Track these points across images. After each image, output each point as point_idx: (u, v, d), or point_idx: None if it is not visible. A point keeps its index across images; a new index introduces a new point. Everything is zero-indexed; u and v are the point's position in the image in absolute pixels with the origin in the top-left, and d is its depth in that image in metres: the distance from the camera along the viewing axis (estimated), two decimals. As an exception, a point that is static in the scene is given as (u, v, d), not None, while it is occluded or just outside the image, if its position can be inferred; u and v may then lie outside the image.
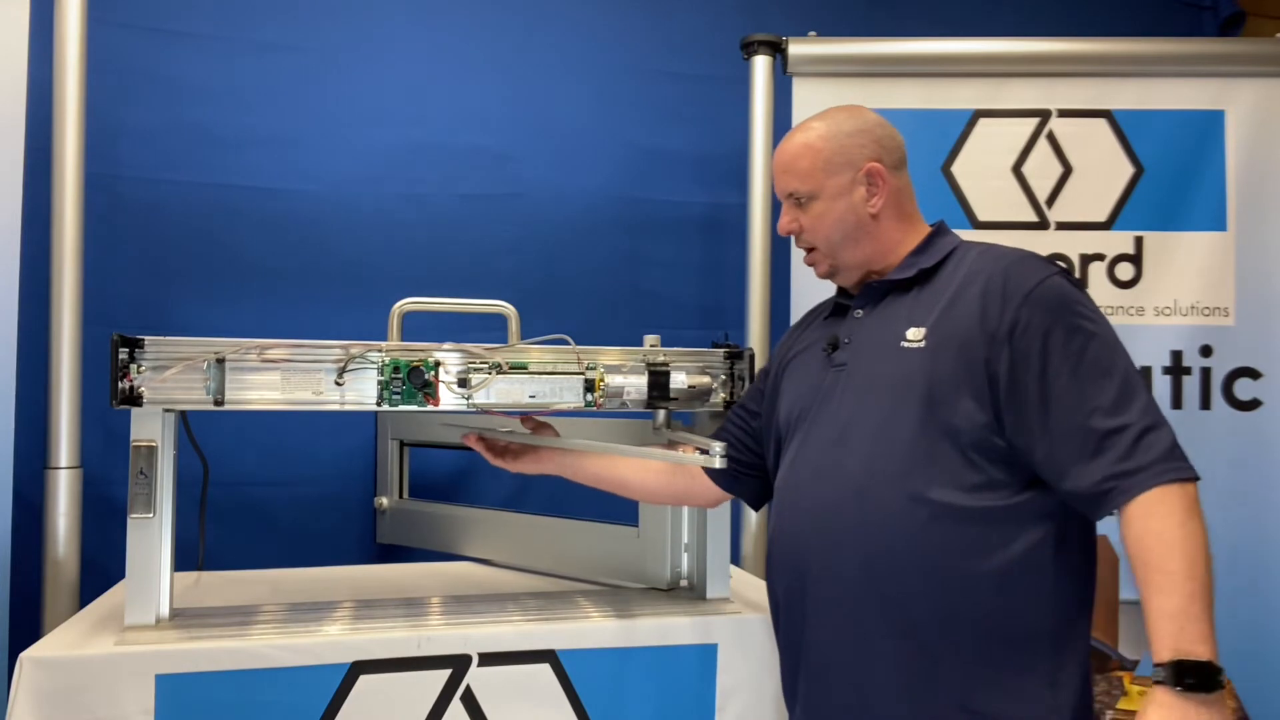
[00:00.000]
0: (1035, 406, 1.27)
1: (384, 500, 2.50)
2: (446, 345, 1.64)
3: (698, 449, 1.61)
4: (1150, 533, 1.17)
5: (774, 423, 1.55)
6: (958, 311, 1.34)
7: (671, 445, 1.69)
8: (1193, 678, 1.12)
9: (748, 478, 1.66)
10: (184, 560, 1.78)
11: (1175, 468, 1.19)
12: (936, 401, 1.31)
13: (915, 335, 1.36)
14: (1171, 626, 1.14)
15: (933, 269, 1.42)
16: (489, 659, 1.57)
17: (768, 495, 1.69)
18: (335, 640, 1.53)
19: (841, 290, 1.57)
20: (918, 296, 1.41)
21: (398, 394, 1.60)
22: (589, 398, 1.68)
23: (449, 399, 1.63)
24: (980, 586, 1.27)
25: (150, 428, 1.55)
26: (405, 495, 2.51)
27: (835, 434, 1.40)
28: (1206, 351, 2.42)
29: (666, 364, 1.72)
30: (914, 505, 1.30)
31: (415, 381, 1.60)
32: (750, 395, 1.69)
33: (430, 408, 1.62)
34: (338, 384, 1.58)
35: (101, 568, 2.07)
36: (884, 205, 1.46)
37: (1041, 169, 2.48)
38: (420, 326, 1.72)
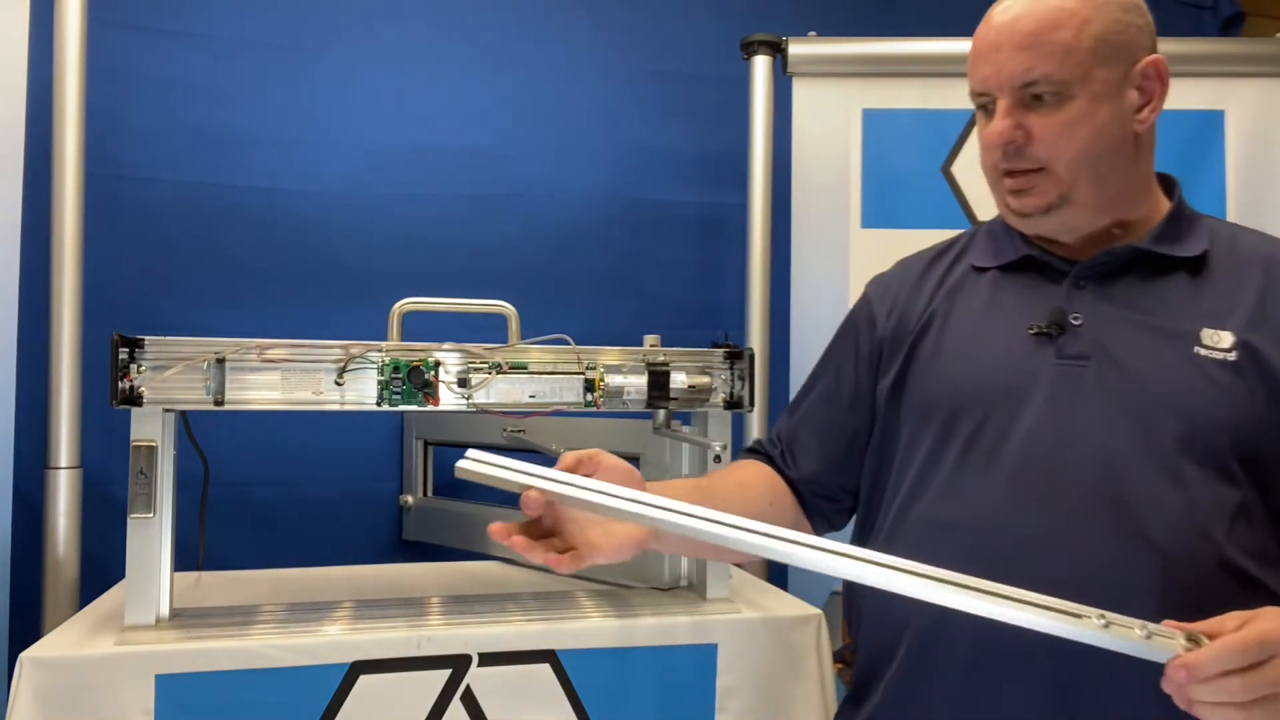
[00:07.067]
0: None
1: (409, 498, 2.50)
2: (446, 345, 1.64)
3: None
4: None
5: (911, 402, 1.15)
6: (1273, 315, 1.00)
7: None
8: None
9: (838, 510, 1.28)
10: (185, 560, 1.77)
11: None
12: (1243, 443, 0.97)
13: (1217, 341, 1.00)
14: None
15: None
16: (489, 659, 1.57)
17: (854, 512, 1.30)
18: (335, 640, 1.53)
19: (1028, 237, 1.11)
20: (1197, 282, 1.04)
21: (398, 394, 1.60)
22: (589, 398, 1.68)
23: (449, 399, 1.63)
24: None
25: (150, 428, 1.55)
26: (430, 493, 2.51)
27: (1080, 459, 1.00)
28: (1206, 351, 2.41)
29: (666, 364, 1.72)
30: (1223, 575, 0.96)
31: (415, 381, 1.60)
32: (827, 390, 1.27)
33: (430, 407, 1.62)
34: (338, 384, 1.58)
35: (101, 568, 2.07)
36: (1151, 125, 1.03)
37: (1041, 169, 2.47)
38: (420, 326, 1.72)
